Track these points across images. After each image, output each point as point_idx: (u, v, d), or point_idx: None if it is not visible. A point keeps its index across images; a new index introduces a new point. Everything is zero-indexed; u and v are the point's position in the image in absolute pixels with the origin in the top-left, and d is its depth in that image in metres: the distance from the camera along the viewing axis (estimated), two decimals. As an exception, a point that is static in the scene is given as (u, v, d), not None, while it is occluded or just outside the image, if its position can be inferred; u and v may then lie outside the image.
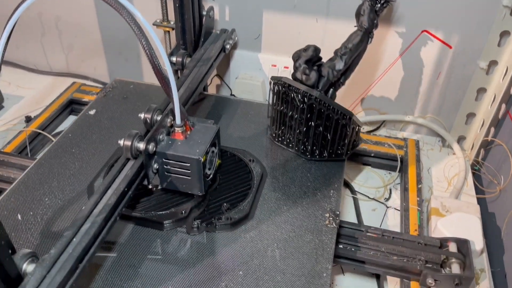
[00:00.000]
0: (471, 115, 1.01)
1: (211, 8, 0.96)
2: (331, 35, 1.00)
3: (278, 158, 0.83)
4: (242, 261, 0.64)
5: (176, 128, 0.66)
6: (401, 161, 0.95)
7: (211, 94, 1.01)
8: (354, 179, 0.96)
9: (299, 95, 0.76)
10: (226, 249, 0.66)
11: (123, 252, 0.65)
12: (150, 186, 0.68)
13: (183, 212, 0.69)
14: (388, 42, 0.97)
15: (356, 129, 0.80)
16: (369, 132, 1.09)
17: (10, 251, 0.47)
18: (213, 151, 0.69)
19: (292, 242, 0.67)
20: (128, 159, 0.63)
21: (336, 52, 0.79)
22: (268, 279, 0.62)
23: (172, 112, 0.65)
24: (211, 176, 0.70)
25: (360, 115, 1.11)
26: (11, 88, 1.20)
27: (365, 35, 0.78)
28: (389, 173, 0.98)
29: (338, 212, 0.72)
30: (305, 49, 0.79)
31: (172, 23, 0.93)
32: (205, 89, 1.04)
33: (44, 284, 0.48)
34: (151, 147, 0.63)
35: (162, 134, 0.66)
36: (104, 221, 0.56)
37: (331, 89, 0.81)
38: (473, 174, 0.97)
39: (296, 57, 0.79)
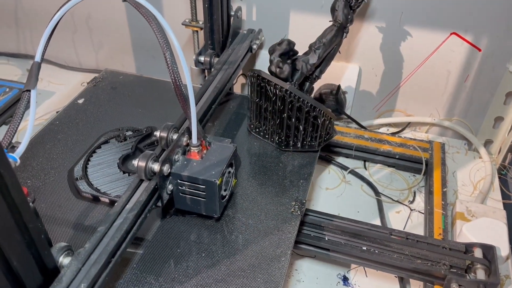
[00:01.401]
0: (499, 119, 0.99)
1: (239, 9, 0.97)
2: (356, 37, 1.00)
3: (254, 148, 0.85)
4: (206, 244, 0.66)
5: (192, 148, 0.64)
6: (426, 164, 0.95)
7: (237, 94, 1.02)
8: (378, 180, 0.96)
9: (272, 87, 0.78)
10: (193, 232, 0.68)
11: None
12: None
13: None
14: (416, 43, 0.97)
15: (328, 121, 0.81)
16: (394, 133, 1.09)
17: (48, 245, 0.50)
18: (229, 172, 0.67)
19: (256, 228, 0.68)
20: (141, 180, 0.62)
21: (310, 46, 0.81)
22: (228, 262, 0.64)
23: (189, 130, 0.63)
24: (227, 197, 0.69)
25: (386, 116, 1.10)
26: (43, 84, 1.24)
27: (340, 30, 0.80)
28: (414, 175, 0.98)
29: (304, 201, 0.73)
30: (280, 43, 0.81)
31: (200, 23, 0.95)
32: (230, 88, 1.05)
33: (80, 277, 0.50)
34: (166, 168, 0.61)
35: (177, 154, 0.64)
36: (136, 217, 0.58)
37: (307, 83, 0.84)
38: (500, 178, 0.96)
39: (271, 50, 0.81)
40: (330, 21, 0.82)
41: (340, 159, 1.01)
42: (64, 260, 0.52)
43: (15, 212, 0.42)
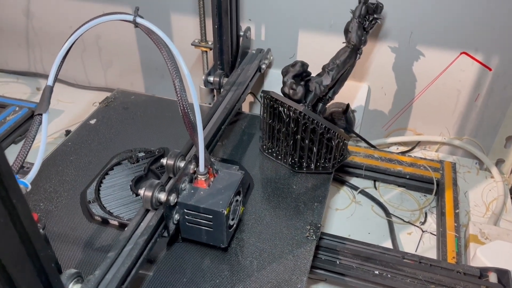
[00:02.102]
0: (510, 138, 0.98)
1: (248, 29, 0.98)
2: (365, 56, 1.00)
3: (266, 169, 0.84)
4: (220, 270, 0.65)
5: (199, 176, 0.63)
6: (437, 184, 0.94)
7: (247, 113, 1.02)
8: (389, 201, 0.95)
9: (285, 109, 0.78)
10: (207, 256, 0.66)
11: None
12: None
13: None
14: (425, 62, 0.96)
15: (342, 143, 0.80)
16: (404, 152, 1.08)
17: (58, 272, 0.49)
18: (237, 200, 0.65)
19: (270, 253, 0.67)
20: (147, 210, 0.60)
21: (324, 68, 0.81)
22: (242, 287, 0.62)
23: (196, 158, 0.62)
24: (234, 226, 0.67)
25: (395, 135, 1.10)
26: (52, 102, 1.22)
27: (353, 51, 0.80)
28: (425, 195, 0.97)
29: (319, 225, 0.72)
30: (293, 65, 0.81)
31: (210, 43, 0.95)
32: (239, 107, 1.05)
33: (89, 305, 0.50)
34: (172, 198, 0.60)
35: (184, 183, 0.62)
36: (141, 248, 0.57)
37: (320, 104, 0.84)
38: (512, 199, 0.94)
39: (284, 72, 0.81)
40: (343, 42, 0.81)
41: (350, 179, 1.00)
42: (74, 287, 0.51)
43: (26, 241, 0.42)
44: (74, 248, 0.68)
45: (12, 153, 1.05)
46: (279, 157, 0.84)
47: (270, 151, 0.86)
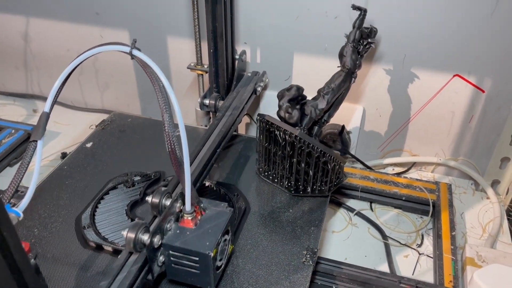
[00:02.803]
0: (505, 159, 0.99)
1: (244, 52, 0.99)
2: (361, 78, 1.01)
3: (263, 193, 0.83)
4: None
5: (186, 215, 0.60)
6: (433, 206, 0.94)
7: (243, 135, 1.02)
8: (385, 223, 0.95)
9: (281, 133, 0.78)
10: None
11: None
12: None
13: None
14: (419, 85, 0.97)
15: (338, 166, 0.81)
16: (399, 173, 1.08)
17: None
18: (225, 240, 0.63)
19: (267, 280, 0.66)
20: (130, 253, 0.58)
21: (319, 92, 0.82)
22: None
23: (182, 196, 0.59)
24: (222, 267, 0.64)
25: (391, 156, 1.10)
26: (49, 124, 1.22)
27: (348, 75, 0.81)
28: (421, 217, 0.96)
29: (316, 250, 0.71)
30: (288, 89, 0.82)
31: (205, 66, 0.96)
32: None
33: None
34: (156, 240, 0.57)
35: (170, 223, 0.60)
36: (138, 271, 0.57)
37: (316, 127, 0.84)
38: (509, 220, 0.94)
39: (280, 96, 0.82)
40: (338, 66, 0.82)
41: (346, 200, 1.00)
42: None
43: (16, 273, 0.41)
44: (68, 275, 0.67)
45: (7, 176, 1.05)
46: (276, 180, 0.84)
47: (266, 174, 0.86)
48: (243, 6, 0.99)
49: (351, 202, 0.99)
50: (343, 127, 1.06)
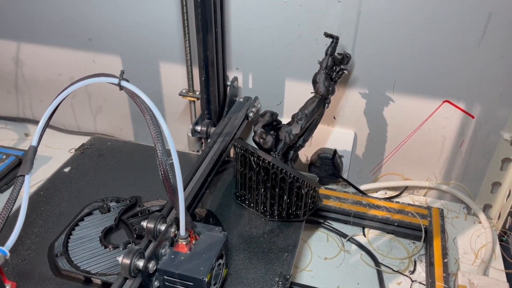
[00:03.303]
0: (496, 184, 0.99)
1: (235, 79, 0.99)
2: (352, 103, 1.01)
3: (239, 218, 0.84)
4: None
5: (180, 240, 0.61)
6: (426, 232, 0.94)
7: (231, 160, 1.02)
8: (378, 248, 0.94)
9: (255, 158, 0.79)
10: None
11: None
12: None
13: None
14: (410, 110, 0.98)
15: (312, 191, 0.81)
16: (392, 197, 1.08)
17: None
18: (219, 264, 0.64)
19: None
20: (125, 278, 0.58)
21: (293, 117, 0.84)
22: None
23: (177, 220, 0.61)
24: None
25: (383, 180, 1.10)
26: (40, 148, 1.22)
27: (321, 101, 0.84)
28: (413, 242, 0.96)
29: (288, 276, 0.70)
30: (262, 115, 0.84)
31: (197, 93, 0.97)
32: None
33: None
34: (151, 265, 0.58)
35: (164, 248, 0.61)
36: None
37: (291, 151, 0.86)
38: (501, 245, 0.94)
39: (254, 122, 0.84)
40: (311, 92, 0.84)
41: (339, 225, 1.00)
42: None
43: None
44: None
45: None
46: (252, 205, 0.85)
47: (242, 198, 0.86)
48: (234, 34, 1.00)
49: (344, 227, 0.99)
50: (335, 151, 1.06)
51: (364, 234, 0.98)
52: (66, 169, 0.95)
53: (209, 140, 0.90)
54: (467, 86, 0.92)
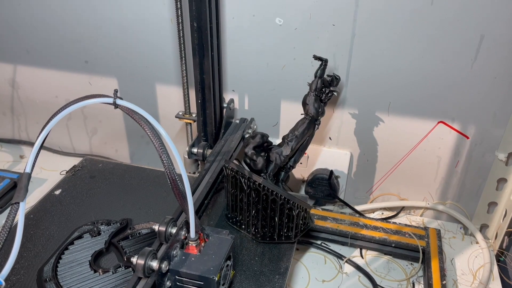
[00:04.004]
0: (492, 204, 0.99)
1: (231, 101, 1.00)
2: (348, 124, 1.02)
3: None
4: None
5: (190, 242, 0.64)
6: (423, 253, 0.93)
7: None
8: (376, 270, 0.94)
9: (246, 180, 0.79)
10: None
11: None
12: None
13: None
14: (405, 130, 0.99)
15: (303, 212, 0.81)
16: (389, 218, 1.08)
17: None
18: (227, 265, 0.67)
19: None
20: (139, 278, 0.61)
21: (283, 138, 0.85)
22: None
23: (187, 224, 0.64)
24: None
25: (380, 200, 1.10)
26: (35, 171, 1.22)
27: (311, 122, 0.85)
28: (411, 264, 0.96)
29: None
30: (253, 136, 0.85)
31: (194, 115, 0.97)
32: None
33: None
34: (164, 266, 0.61)
35: (175, 249, 0.64)
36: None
37: (282, 172, 0.87)
38: (499, 265, 0.94)
39: (245, 143, 0.85)
40: (301, 114, 0.85)
41: (336, 247, 0.99)
42: None
43: None
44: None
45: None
46: (243, 227, 0.84)
47: (234, 220, 0.85)
48: (230, 57, 1.01)
49: (341, 249, 0.99)
50: (331, 172, 1.06)
51: (361, 256, 0.98)
52: (57, 192, 0.94)
53: (205, 163, 0.90)
54: (461, 107, 0.93)
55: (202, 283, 0.62)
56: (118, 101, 0.57)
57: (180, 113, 0.99)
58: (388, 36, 0.89)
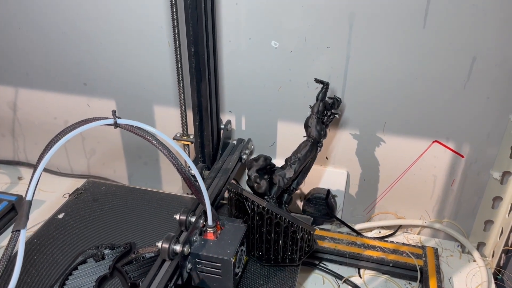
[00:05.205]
0: (489, 222, 1.00)
1: (229, 122, 1.01)
2: (344, 143, 1.03)
3: None
4: None
5: (208, 229, 0.72)
6: (421, 272, 0.94)
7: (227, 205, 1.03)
8: (373, 290, 0.94)
9: (249, 203, 0.80)
10: None
11: None
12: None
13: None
14: (400, 150, 1.00)
15: (307, 235, 0.82)
16: (386, 236, 1.08)
17: None
18: (242, 250, 0.74)
19: None
20: (164, 260, 0.67)
21: (286, 161, 0.86)
22: None
23: (205, 213, 0.71)
24: (239, 274, 0.75)
25: (377, 219, 1.11)
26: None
27: (314, 144, 0.86)
28: (409, 283, 0.96)
29: None
30: (256, 159, 0.86)
31: (191, 137, 0.98)
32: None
33: None
34: (186, 249, 0.67)
35: (195, 236, 0.71)
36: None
37: (285, 195, 0.88)
38: (496, 284, 0.94)
39: (248, 166, 0.86)
40: (304, 136, 0.86)
41: (334, 267, 0.99)
42: None
43: None
44: None
45: (-11, 250, 1.03)
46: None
47: None
48: (227, 79, 1.02)
49: (339, 268, 0.99)
50: (328, 191, 1.07)
51: (359, 275, 0.98)
52: (60, 216, 0.94)
53: (205, 180, 0.91)
54: (455, 127, 0.94)
55: (220, 264, 0.69)
56: (119, 121, 0.59)
57: (178, 135, 0.99)
58: (381, 57, 0.91)
